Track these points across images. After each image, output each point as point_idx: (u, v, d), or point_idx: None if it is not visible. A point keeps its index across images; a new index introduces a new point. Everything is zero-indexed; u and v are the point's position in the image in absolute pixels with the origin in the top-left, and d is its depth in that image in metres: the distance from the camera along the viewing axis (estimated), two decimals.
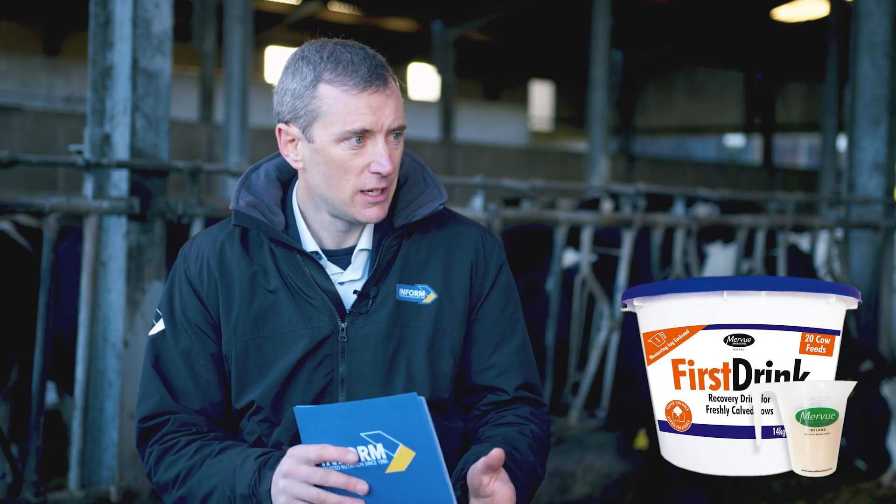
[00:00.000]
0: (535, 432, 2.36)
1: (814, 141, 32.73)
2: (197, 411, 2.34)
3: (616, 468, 6.38)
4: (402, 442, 2.01)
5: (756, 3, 23.98)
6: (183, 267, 2.40)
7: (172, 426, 2.33)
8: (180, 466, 2.27)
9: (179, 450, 2.29)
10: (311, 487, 2.07)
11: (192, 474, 2.25)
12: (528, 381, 2.42)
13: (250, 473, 2.18)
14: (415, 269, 2.36)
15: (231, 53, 13.52)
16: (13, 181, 13.98)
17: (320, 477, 2.06)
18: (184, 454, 2.28)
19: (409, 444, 2.01)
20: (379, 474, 2.04)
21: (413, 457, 2.02)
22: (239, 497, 2.18)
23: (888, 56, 7.83)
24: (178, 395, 2.34)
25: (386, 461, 2.03)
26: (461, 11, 23.65)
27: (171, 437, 2.32)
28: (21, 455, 4.95)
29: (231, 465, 2.22)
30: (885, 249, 7.88)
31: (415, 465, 2.02)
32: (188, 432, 2.32)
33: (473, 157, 23.49)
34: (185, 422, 2.33)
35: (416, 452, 2.01)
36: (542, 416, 2.42)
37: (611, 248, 6.52)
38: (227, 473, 2.21)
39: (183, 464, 2.27)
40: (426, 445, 2.00)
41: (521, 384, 2.40)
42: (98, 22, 4.38)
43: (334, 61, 2.23)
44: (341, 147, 2.24)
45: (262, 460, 2.19)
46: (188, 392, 2.34)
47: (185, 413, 2.33)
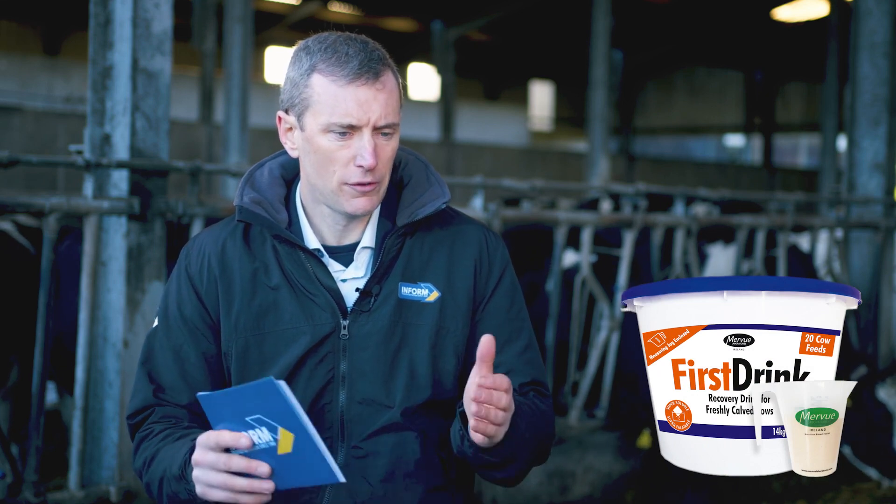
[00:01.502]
0: (538, 403, 2.35)
1: (814, 141, 32.73)
2: (182, 406, 2.35)
3: (616, 468, 6.38)
4: (280, 424, 2.03)
5: (756, 3, 23.98)
6: (184, 264, 2.41)
7: (154, 417, 2.35)
8: (147, 453, 2.30)
9: (151, 437, 2.31)
10: (219, 473, 2.08)
11: (153, 461, 2.27)
12: (536, 378, 2.41)
13: (182, 453, 2.19)
14: (417, 267, 2.36)
15: (231, 53, 13.53)
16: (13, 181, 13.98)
17: (224, 462, 2.07)
18: (152, 442, 2.30)
19: (285, 427, 2.03)
20: (273, 455, 2.07)
21: (293, 438, 2.04)
22: (172, 478, 2.19)
23: (888, 56, 7.83)
24: (166, 392, 2.35)
25: (274, 444, 2.05)
26: (461, 11, 23.65)
27: (148, 426, 2.34)
28: (21, 455, 4.95)
29: (179, 449, 2.23)
30: (885, 249, 7.87)
31: (297, 445, 2.04)
32: (166, 423, 2.33)
33: (473, 157, 23.49)
34: (167, 414, 2.35)
35: (294, 434, 2.03)
36: (546, 401, 2.40)
37: (611, 248, 6.52)
38: (171, 457, 2.22)
39: (149, 451, 2.29)
40: (298, 427, 2.02)
41: (527, 381, 2.39)
42: (98, 22, 4.38)
43: (330, 52, 2.24)
44: (328, 138, 2.25)
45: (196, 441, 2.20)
46: (176, 389, 2.35)
47: (169, 406, 2.35)
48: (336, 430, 2.31)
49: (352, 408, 2.31)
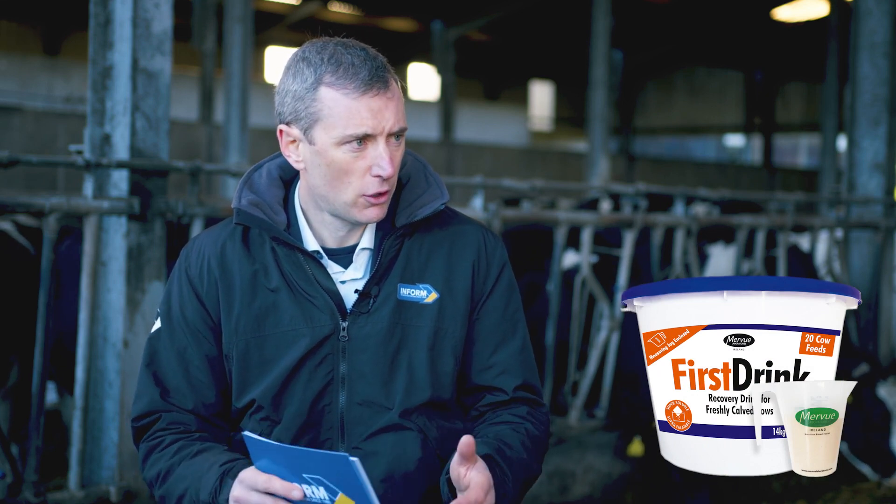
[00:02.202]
0: (531, 430, 2.36)
1: (814, 141, 32.74)
2: (188, 410, 2.35)
3: (616, 468, 6.38)
4: (342, 491, 2.02)
5: (756, 3, 23.99)
6: (184, 266, 2.40)
7: (162, 424, 2.34)
8: (160, 466, 2.30)
9: (163, 448, 2.31)
10: None
11: (170, 475, 2.27)
12: (528, 381, 2.41)
13: (213, 480, 2.19)
14: (416, 268, 2.36)
15: (231, 53, 13.53)
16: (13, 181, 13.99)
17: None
18: (166, 453, 2.30)
19: (348, 494, 2.02)
20: None
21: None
22: (200, 503, 2.19)
23: (888, 56, 7.83)
24: (171, 395, 2.35)
25: (329, 502, 2.04)
26: (461, 11, 23.65)
27: (159, 435, 2.34)
28: (21, 455, 4.95)
29: (200, 468, 2.23)
30: (885, 249, 7.87)
31: None
32: (175, 431, 2.33)
33: (473, 157, 23.50)
34: (174, 420, 2.34)
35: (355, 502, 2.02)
36: (540, 416, 2.41)
37: (611, 248, 6.52)
38: (196, 477, 2.22)
39: (163, 463, 2.29)
40: (364, 499, 2.01)
41: (520, 384, 2.40)
42: (98, 22, 4.38)
43: (335, 63, 2.22)
44: (342, 150, 2.23)
45: (225, 468, 2.21)
46: (181, 391, 2.35)
47: (175, 412, 2.35)
48: (336, 431, 2.32)
49: (351, 409, 2.31)
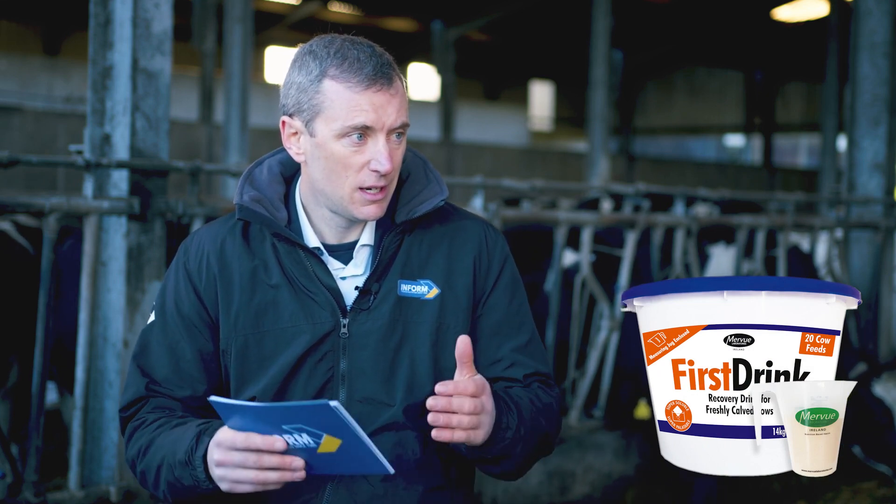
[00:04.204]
0: (541, 395, 2.35)
1: (814, 141, 32.73)
2: (176, 398, 2.35)
3: (616, 468, 6.38)
4: (326, 433, 2.03)
5: (756, 3, 23.99)
6: (182, 260, 2.40)
7: (147, 407, 2.35)
8: (141, 442, 2.30)
9: (146, 426, 2.31)
10: (248, 470, 2.08)
11: (149, 448, 2.27)
12: (539, 369, 2.40)
13: (189, 439, 2.19)
14: (417, 264, 2.35)
15: (231, 53, 13.53)
16: (13, 181, 13.99)
17: (255, 461, 2.07)
18: (147, 430, 2.30)
19: (333, 434, 2.03)
20: (311, 454, 2.07)
21: (340, 443, 2.04)
22: (177, 464, 2.19)
23: (888, 56, 7.83)
24: (160, 385, 2.35)
25: (314, 445, 2.05)
26: (461, 11, 23.65)
27: (141, 416, 2.34)
28: (21, 455, 4.94)
29: (177, 435, 2.23)
30: (885, 249, 7.88)
31: (343, 448, 2.05)
32: (160, 413, 2.33)
33: (473, 157, 23.50)
34: (160, 405, 2.34)
35: (342, 440, 2.03)
36: (552, 391, 2.40)
37: (611, 248, 6.52)
38: (172, 442, 2.22)
39: (144, 439, 2.29)
40: (351, 436, 2.02)
41: (531, 372, 2.39)
42: (98, 22, 4.38)
43: (340, 57, 2.24)
44: (342, 143, 2.24)
45: (202, 427, 2.20)
46: (170, 382, 2.35)
47: (162, 398, 2.35)
48: None
49: (352, 406, 2.30)
